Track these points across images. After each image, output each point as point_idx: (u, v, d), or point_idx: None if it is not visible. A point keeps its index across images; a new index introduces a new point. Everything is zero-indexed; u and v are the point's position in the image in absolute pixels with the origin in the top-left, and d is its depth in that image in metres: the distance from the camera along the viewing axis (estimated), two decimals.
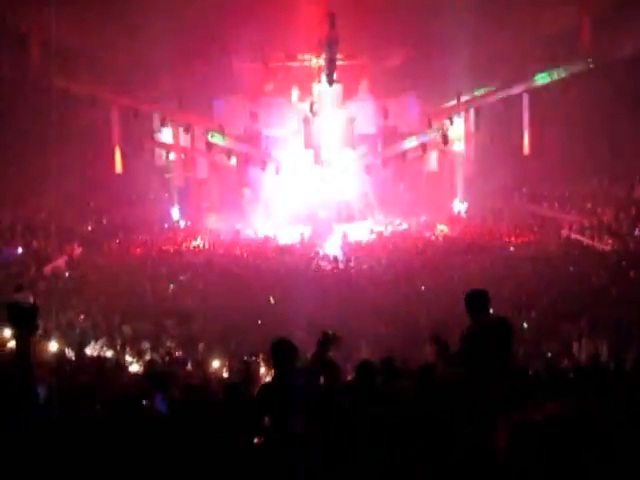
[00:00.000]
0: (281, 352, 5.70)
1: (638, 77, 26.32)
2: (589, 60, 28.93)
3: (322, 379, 6.27)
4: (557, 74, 30.12)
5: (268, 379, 11.21)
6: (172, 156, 34.75)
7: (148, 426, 5.88)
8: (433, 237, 30.60)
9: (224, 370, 14.71)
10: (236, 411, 5.85)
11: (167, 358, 15.27)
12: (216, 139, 32.69)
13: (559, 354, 14.05)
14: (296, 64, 34.35)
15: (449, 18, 28.69)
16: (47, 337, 15.54)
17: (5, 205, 28.10)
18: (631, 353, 12.16)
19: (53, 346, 14.72)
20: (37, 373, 8.06)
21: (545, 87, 30.57)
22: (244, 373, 11.98)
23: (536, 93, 31.04)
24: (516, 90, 31.51)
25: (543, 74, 30.52)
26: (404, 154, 33.93)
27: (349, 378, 9.82)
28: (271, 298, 20.69)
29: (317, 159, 34.05)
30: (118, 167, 32.33)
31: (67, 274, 25.11)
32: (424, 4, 28.86)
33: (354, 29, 29.84)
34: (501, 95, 31.83)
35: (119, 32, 28.89)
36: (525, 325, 17.00)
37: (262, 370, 13.93)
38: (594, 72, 28.51)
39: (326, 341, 5.99)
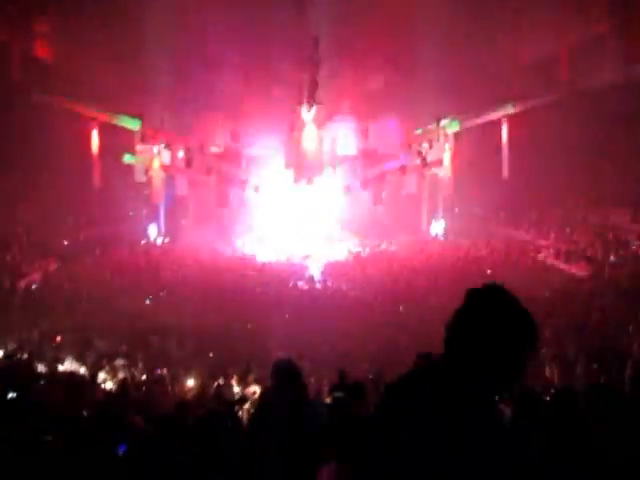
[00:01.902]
0: (282, 374, 5.60)
1: (616, 103, 26.66)
2: (563, 87, 29.29)
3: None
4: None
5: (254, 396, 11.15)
6: (151, 173, 34.65)
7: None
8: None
9: (196, 389, 14.58)
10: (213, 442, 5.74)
11: (140, 376, 15.15)
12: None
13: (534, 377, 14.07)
14: (278, 84, 34.46)
15: (432, 42, 28.99)
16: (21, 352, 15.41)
17: None
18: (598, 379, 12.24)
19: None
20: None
21: (524, 112, 30.86)
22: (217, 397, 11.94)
23: (515, 118, 31.33)
24: (495, 115, 31.82)
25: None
26: (383, 176, 34.10)
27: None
28: (249, 325, 20.58)
29: (297, 179, 34.12)
30: (96, 182, 32.18)
31: (41, 289, 24.88)
32: (407, 28, 29.10)
33: (336, 51, 30.06)
34: (479, 120, 32.13)
35: (101, 48, 28.86)
36: None
37: (236, 390, 13.86)
38: (573, 98, 28.84)
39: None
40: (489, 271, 27.18)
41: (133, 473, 5.58)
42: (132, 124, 32.35)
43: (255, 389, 12.36)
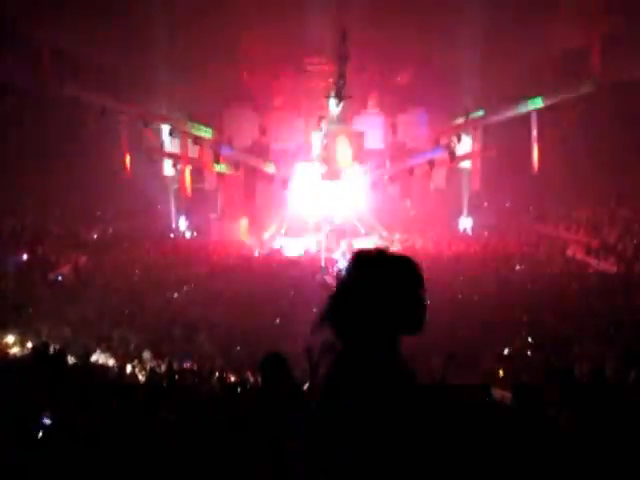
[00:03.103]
0: (269, 367, 5.68)
1: None
2: (594, 81, 28.91)
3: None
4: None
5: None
6: (180, 167, 34.87)
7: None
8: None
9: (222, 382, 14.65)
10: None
11: (169, 368, 15.24)
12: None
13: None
14: (306, 78, 34.50)
15: (459, 35, 28.82)
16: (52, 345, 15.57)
17: (11, 212, 28.17)
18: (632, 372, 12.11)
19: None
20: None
21: (554, 106, 30.58)
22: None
23: (545, 112, 31.04)
24: (525, 109, 31.53)
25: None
26: (411, 170, 34.01)
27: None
28: (277, 320, 20.62)
29: (325, 173, 34.13)
30: (126, 177, 32.43)
31: (72, 282, 25.16)
32: (435, 21, 28.95)
33: (365, 44, 29.99)
34: (509, 114, 31.85)
35: (130, 43, 29.03)
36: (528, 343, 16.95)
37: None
38: (604, 92, 28.51)
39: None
40: (518, 267, 27.07)
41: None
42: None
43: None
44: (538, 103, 30.70)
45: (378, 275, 2.47)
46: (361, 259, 2.53)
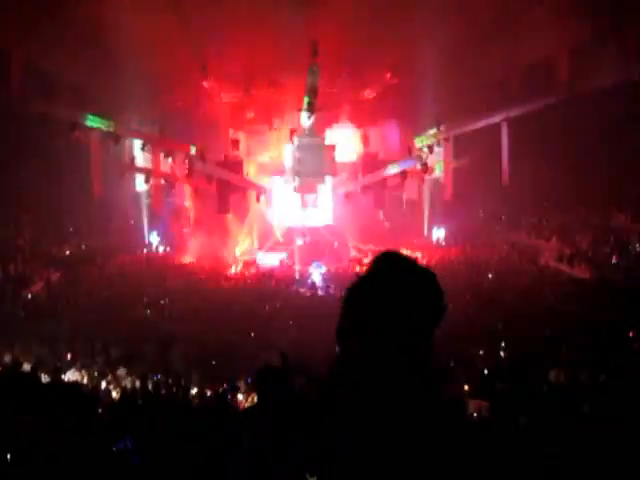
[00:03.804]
0: (265, 380, 5.61)
1: (617, 106, 26.66)
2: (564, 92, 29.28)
3: None
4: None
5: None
6: (152, 181, 34.70)
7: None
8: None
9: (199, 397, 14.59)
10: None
11: (143, 384, 15.15)
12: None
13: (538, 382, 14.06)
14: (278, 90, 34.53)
15: (430, 47, 29.03)
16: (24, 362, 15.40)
17: None
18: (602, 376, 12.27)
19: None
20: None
21: (523, 115, 30.86)
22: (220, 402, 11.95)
23: (515, 121, 31.32)
24: (495, 119, 31.78)
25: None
26: (384, 181, 34.13)
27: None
28: (252, 333, 20.55)
29: (298, 186, 34.14)
30: (97, 192, 32.21)
31: (44, 298, 24.93)
32: (406, 33, 29.12)
33: (336, 57, 30.11)
34: (479, 124, 32.10)
35: (100, 58, 28.90)
36: (502, 353, 17.06)
37: (240, 398, 13.86)
38: (572, 100, 28.82)
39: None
40: (490, 275, 27.25)
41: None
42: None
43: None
44: (507, 113, 31.11)
45: (409, 281, 2.44)
46: (393, 261, 2.50)
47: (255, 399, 12.52)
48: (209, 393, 14.33)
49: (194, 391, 14.90)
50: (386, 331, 2.38)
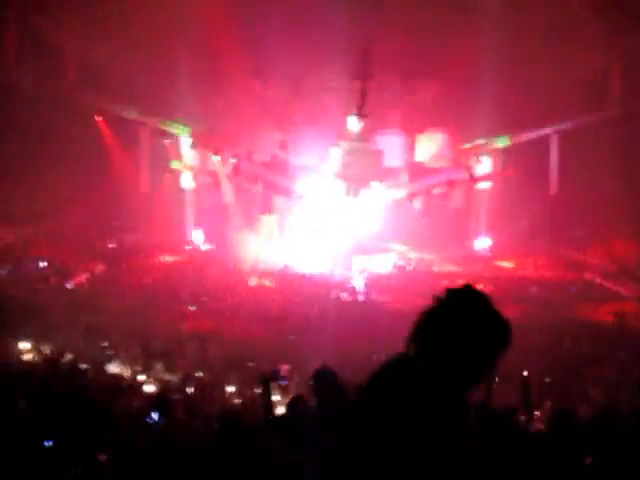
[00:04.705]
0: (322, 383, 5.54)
1: None
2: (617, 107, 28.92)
3: None
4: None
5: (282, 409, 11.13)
6: (198, 179, 34.95)
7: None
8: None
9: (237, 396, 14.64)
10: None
11: (182, 380, 15.24)
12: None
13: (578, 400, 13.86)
14: (327, 94, 34.54)
15: (483, 56, 28.83)
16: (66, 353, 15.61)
17: (30, 219, 28.35)
18: None
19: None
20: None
21: (574, 129, 30.50)
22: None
23: (566, 134, 30.97)
24: (546, 131, 31.47)
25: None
26: (430, 189, 33.93)
27: None
28: (290, 336, 20.56)
29: (344, 190, 34.12)
30: (144, 187, 32.56)
31: (88, 291, 25.27)
32: (458, 41, 28.96)
33: (387, 63, 30.06)
34: (529, 136, 31.83)
35: (152, 55, 29.22)
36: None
37: (277, 397, 13.86)
38: (626, 115, 28.42)
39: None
40: (534, 289, 26.95)
41: None
42: (181, 131, 32.83)
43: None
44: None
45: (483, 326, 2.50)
46: (472, 298, 2.53)
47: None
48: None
49: (231, 389, 14.97)
50: (448, 363, 2.42)
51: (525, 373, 12.55)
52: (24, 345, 16.37)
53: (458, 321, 2.47)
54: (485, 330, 2.47)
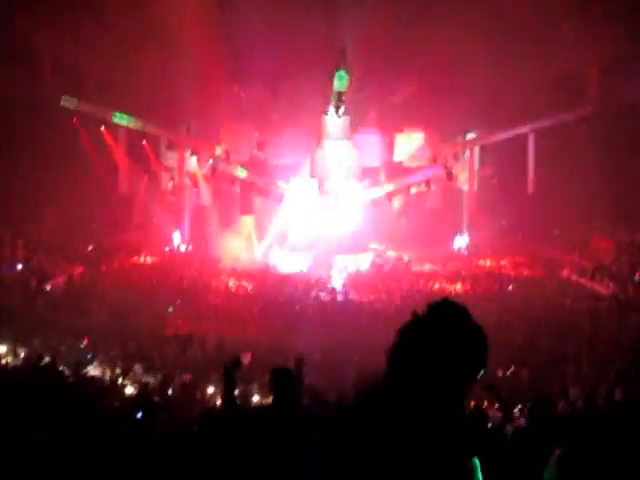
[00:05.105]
0: (279, 380, 5.64)
1: None
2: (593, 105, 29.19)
3: None
4: None
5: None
6: (177, 180, 34.85)
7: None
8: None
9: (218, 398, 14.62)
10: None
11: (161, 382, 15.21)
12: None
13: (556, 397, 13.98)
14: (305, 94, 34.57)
15: (459, 56, 28.96)
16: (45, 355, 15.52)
17: (7, 221, 28.17)
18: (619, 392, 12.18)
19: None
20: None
21: (550, 127, 30.72)
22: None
23: (542, 133, 31.19)
24: (522, 130, 31.68)
25: None
26: (408, 188, 34.06)
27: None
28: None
29: (321, 189, 34.16)
30: (122, 189, 32.42)
31: (66, 293, 25.13)
32: (435, 41, 29.09)
33: (364, 62, 30.11)
34: (506, 135, 32.01)
35: (128, 55, 29.14)
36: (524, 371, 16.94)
37: (256, 398, 13.89)
38: (603, 114, 28.67)
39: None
40: (511, 287, 27.12)
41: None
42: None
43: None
44: (534, 124, 31.05)
45: (461, 334, 2.54)
46: (453, 313, 2.59)
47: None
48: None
49: (211, 390, 14.95)
50: (429, 370, 2.48)
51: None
52: (1, 348, 16.29)
53: (438, 336, 2.52)
54: (465, 345, 2.52)
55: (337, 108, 32.38)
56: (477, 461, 2.45)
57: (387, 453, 2.42)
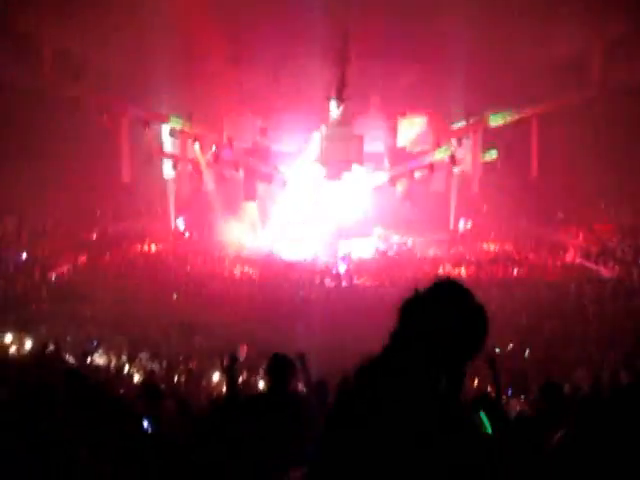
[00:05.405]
0: (278, 367, 5.65)
1: None
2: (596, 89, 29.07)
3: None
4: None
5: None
6: (179, 167, 34.79)
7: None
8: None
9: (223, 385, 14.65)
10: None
11: (166, 369, 15.26)
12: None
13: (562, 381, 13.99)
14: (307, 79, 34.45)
15: (463, 39, 28.81)
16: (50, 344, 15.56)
17: (11, 211, 28.19)
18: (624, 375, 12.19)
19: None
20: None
21: (554, 111, 30.60)
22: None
23: (546, 116, 31.06)
24: (526, 113, 31.57)
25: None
26: (411, 173, 33.98)
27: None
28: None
29: (325, 175, 34.13)
30: (125, 176, 32.37)
31: (70, 281, 25.17)
32: (438, 24, 28.93)
33: (366, 47, 29.98)
34: (510, 118, 31.92)
35: (130, 43, 29.02)
36: (527, 352, 16.96)
37: (261, 385, 13.93)
38: (606, 97, 28.53)
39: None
40: (515, 271, 27.12)
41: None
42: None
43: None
44: (539, 107, 30.91)
45: (466, 312, 2.53)
46: (453, 288, 2.62)
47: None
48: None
49: (216, 377, 14.98)
50: (430, 346, 2.49)
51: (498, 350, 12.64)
52: (7, 338, 16.32)
53: (440, 313, 2.51)
54: (467, 323, 2.51)
55: (340, 93, 32.28)
56: (484, 415, 2.46)
57: (386, 429, 2.40)
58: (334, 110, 33.02)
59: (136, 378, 14.66)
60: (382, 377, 2.51)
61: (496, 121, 32.06)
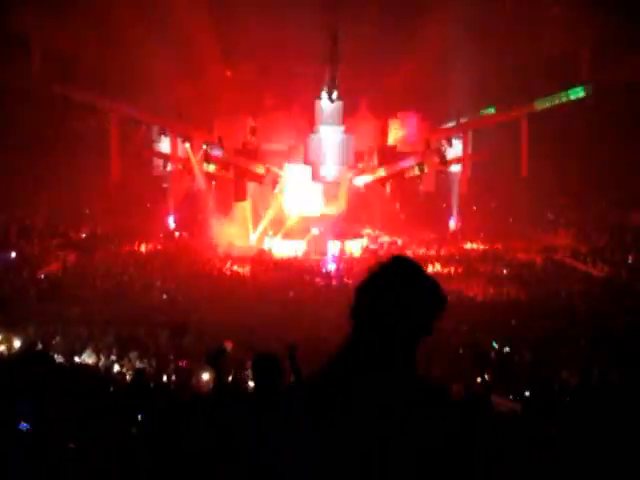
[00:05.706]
0: (263, 368, 5.63)
1: (638, 102, 26.45)
2: (587, 87, 29.11)
3: None
4: (558, 99, 30.42)
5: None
6: (170, 166, 34.73)
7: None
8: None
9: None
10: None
11: (156, 368, 15.21)
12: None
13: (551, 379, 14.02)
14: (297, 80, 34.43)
15: (452, 39, 28.88)
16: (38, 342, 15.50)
17: (0, 209, 28.09)
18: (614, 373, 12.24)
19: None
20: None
21: (544, 111, 30.69)
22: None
23: (535, 116, 31.15)
24: (515, 113, 31.64)
25: (543, 99, 30.83)
26: (401, 173, 34.00)
27: None
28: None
29: (315, 175, 34.09)
30: (115, 175, 32.27)
31: (60, 280, 25.06)
32: (427, 24, 29.00)
33: (356, 47, 30.02)
34: (500, 119, 31.99)
35: (121, 43, 28.96)
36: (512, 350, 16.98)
37: (251, 384, 13.88)
38: (594, 96, 28.64)
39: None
40: (505, 271, 27.16)
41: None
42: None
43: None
44: (530, 107, 30.98)
45: (420, 287, 2.54)
46: (408, 269, 2.61)
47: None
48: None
49: (206, 376, 14.95)
50: (388, 321, 2.51)
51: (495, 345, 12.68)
52: None
53: (391, 290, 2.52)
54: (418, 297, 2.52)
55: (330, 93, 32.27)
56: None
57: (356, 412, 2.41)
58: (324, 110, 33.02)
59: (127, 377, 14.61)
60: (344, 368, 2.53)
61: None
